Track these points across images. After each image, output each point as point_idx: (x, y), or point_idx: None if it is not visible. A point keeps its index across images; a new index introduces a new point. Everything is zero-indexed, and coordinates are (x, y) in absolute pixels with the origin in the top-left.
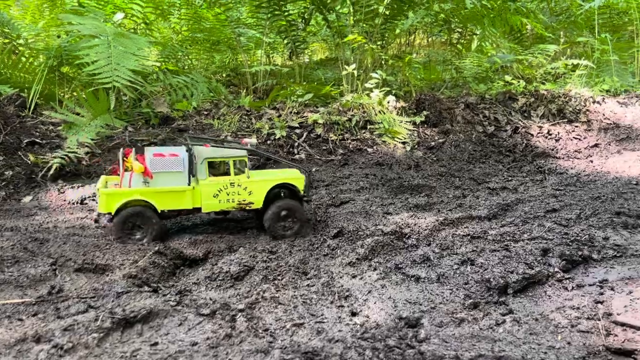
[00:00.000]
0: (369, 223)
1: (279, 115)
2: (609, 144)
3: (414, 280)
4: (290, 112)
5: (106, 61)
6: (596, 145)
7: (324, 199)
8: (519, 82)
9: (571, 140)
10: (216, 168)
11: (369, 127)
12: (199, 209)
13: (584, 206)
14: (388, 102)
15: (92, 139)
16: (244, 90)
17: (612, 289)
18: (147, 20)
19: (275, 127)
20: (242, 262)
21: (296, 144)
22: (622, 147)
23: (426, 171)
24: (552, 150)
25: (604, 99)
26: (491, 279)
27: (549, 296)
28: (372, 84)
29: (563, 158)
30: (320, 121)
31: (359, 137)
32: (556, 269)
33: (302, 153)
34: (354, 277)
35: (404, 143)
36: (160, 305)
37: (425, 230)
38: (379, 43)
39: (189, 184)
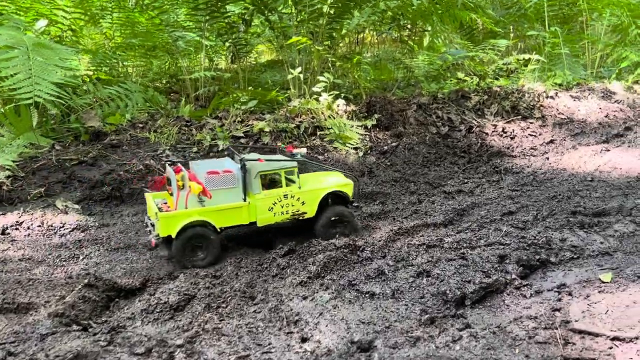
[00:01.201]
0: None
1: (222, 125)
2: (564, 140)
3: (368, 297)
4: (234, 121)
5: (26, 74)
6: (551, 141)
7: None
8: (471, 79)
9: (526, 137)
10: (263, 180)
11: (318, 133)
12: (254, 223)
13: (541, 207)
14: (338, 106)
15: (13, 161)
16: (184, 99)
17: (569, 293)
18: (74, 27)
19: (218, 137)
20: (183, 291)
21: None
22: (577, 142)
23: (380, 177)
24: (508, 148)
25: (557, 93)
26: (447, 291)
27: (507, 305)
28: (320, 88)
29: (519, 156)
30: (267, 129)
31: (308, 144)
32: (514, 276)
33: None
34: (304, 298)
35: (356, 149)
36: (89, 347)
37: (380, 241)
38: (325, 44)
39: (244, 200)
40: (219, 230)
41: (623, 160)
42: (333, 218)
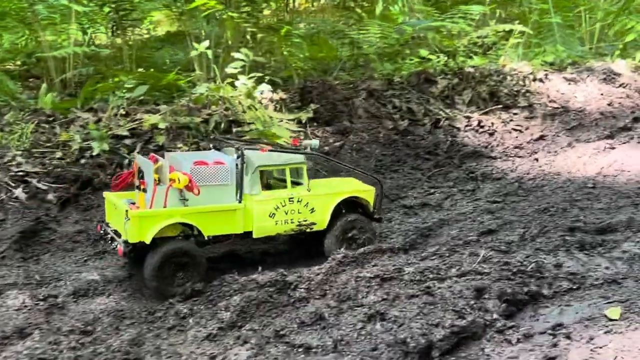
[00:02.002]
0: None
1: (98, 121)
2: (558, 135)
3: (302, 352)
4: (116, 115)
5: None
6: (541, 137)
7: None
8: (437, 57)
9: (509, 133)
10: (261, 178)
11: (235, 130)
12: (249, 234)
13: (529, 223)
14: (261, 94)
15: None
16: (46, 85)
17: (568, 336)
18: None
19: (92, 138)
20: (37, 355)
21: (126, 161)
22: (574, 137)
23: None
24: (486, 147)
25: (547, 75)
26: (408, 339)
27: (487, 356)
28: (236, 68)
29: (500, 158)
30: (162, 125)
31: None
32: (495, 316)
33: None
34: (213, 358)
35: None
36: None
37: (318, 274)
38: (244, 10)
39: (239, 201)
40: (206, 239)
41: (632, 161)
42: (349, 233)
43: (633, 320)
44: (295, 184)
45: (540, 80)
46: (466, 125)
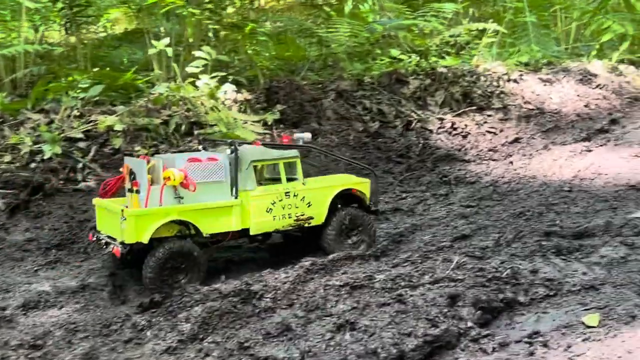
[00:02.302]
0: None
1: (50, 122)
2: (533, 138)
3: None
4: (69, 116)
5: None
6: (516, 140)
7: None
8: (409, 57)
9: (483, 135)
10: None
11: (196, 132)
12: (246, 230)
13: (504, 227)
14: (224, 94)
15: None
16: None
17: (545, 344)
18: None
19: (43, 140)
20: None
21: (80, 165)
22: (550, 140)
23: None
24: (459, 150)
25: (522, 75)
26: (379, 349)
27: None
28: (197, 67)
29: (474, 161)
30: (119, 127)
31: (181, 147)
32: (470, 324)
33: (91, 179)
34: None
35: None
36: None
37: (285, 283)
38: (207, 6)
39: (236, 197)
40: (205, 236)
41: (609, 163)
42: (346, 225)
43: (612, 327)
44: (289, 180)
45: (515, 81)
46: (439, 128)
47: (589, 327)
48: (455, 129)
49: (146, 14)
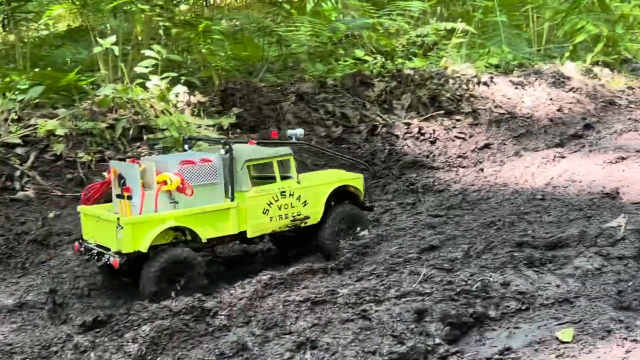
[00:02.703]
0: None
1: None
2: (504, 143)
3: None
4: (6, 120)
5: None
6: (487, 145)
7: (72, 262)
8: (374, 58)
9: (452, 140)
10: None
11: (146, 137)
12: (243, 233)
13: (474, 238)
14: (176, 96)
15: None
16: None
17: None
18: None
19: None
20: None
21: (17, 173)
22: (522, 146)
23: None
24: (427, 157)
25: (492, 78)
26: None
27: None
28: (147, 67)
29: (442, 168)
30: (61, 132)
31: (129, 154)
32: (438, 340)
33: (30, 188)
34: None
35: None
36: None
37: (241, 299)
38: (158, 3)
39: (232, 199)
40: (204, 241)
41: (583, 170)
42: (342, 223)
43: (586, 342)
44: (283, 178)
45: (485, 83)
46: (406, 133)
47: (562, 342)
48: (422, 134)
49: (91, 10)
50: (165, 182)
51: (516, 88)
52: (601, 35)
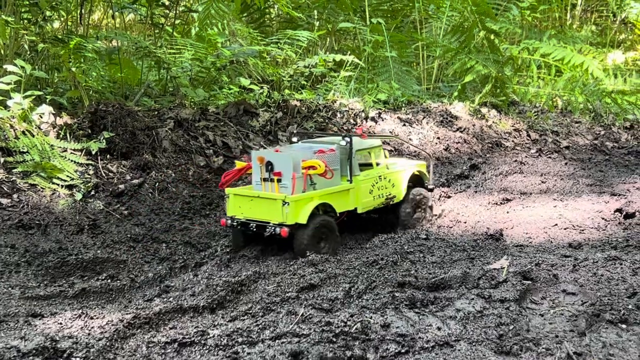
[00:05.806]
0: None
1: None
2: None
3: None
4: None
5: None
6: None
7: None
8: (260, 87)
9: None
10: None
11: (3, 159)
12: (354, 210)
13: (355, 277)
14: (40, 117)
15: None
16: None
17: None
18: None
19: None
20: None
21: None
22: None
23: (110, 235)
24: None
25: (380, 114)
26: None
27: None
28: (8, 84)
29: None
30: None
31: None
32: None
33: None
34: None
35: (70, 187)
36: None
37: (101, 339)
38: (24, 16)
39: (350, 181)
40: (338, 215)
41: (468, 211)
42: (417, 202)
43: None
44: (366, 165)
45: (373, 119)
46: None
47: None
48: None
49: None
50: (314, 167)
51: (404, 125)
52: (490, 76)
